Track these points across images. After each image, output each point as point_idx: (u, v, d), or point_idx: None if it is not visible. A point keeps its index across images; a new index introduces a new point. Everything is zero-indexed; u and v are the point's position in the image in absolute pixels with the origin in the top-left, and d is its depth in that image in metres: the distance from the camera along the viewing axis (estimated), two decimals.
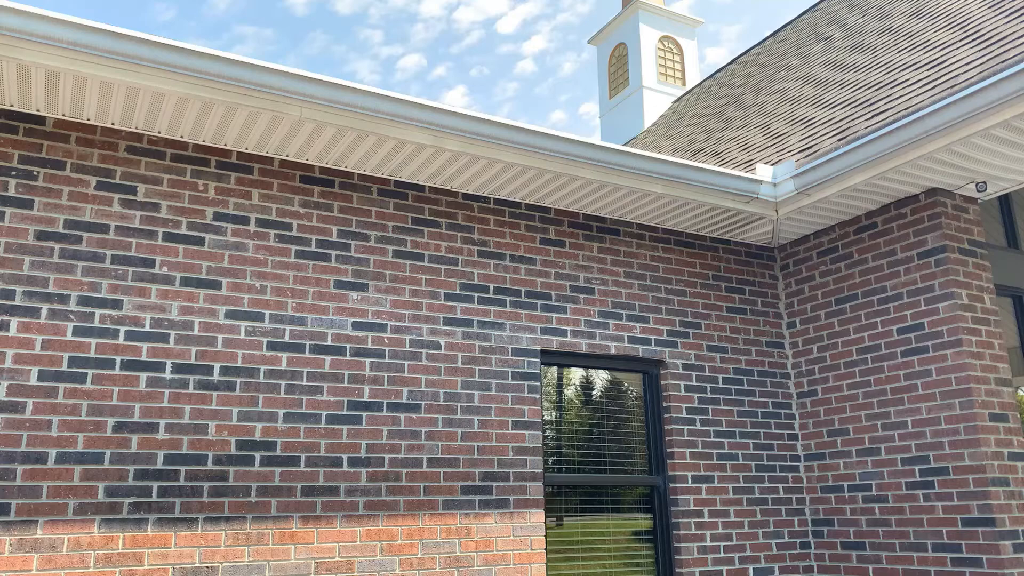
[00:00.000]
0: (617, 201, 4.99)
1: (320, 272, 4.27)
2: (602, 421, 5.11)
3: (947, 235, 4.83)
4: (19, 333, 3.53)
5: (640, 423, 5.19)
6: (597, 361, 5.05)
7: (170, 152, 4.05)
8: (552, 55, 48.60)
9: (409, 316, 4.45)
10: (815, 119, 5.84)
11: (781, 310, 5.79)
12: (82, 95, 3.65)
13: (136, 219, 3.90)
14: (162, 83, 3.55)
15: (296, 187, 4.32)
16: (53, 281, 3.65)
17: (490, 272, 4.76)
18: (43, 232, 3.69)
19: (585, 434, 5.03)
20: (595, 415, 5.11)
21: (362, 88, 3.88)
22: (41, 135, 3.79)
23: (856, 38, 7.37)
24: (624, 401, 5.24)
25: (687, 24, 15.02)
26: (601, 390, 5.20)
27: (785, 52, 9.77)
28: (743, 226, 5.47)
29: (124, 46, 3.38)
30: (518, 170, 4.52)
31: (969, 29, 5.07)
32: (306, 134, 4.06)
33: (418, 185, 4.68)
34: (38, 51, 3.31)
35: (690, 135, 9.48)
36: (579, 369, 5.10)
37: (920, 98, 4.54)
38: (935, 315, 4.80)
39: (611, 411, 5.16)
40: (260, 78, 3.66)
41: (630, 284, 5.21)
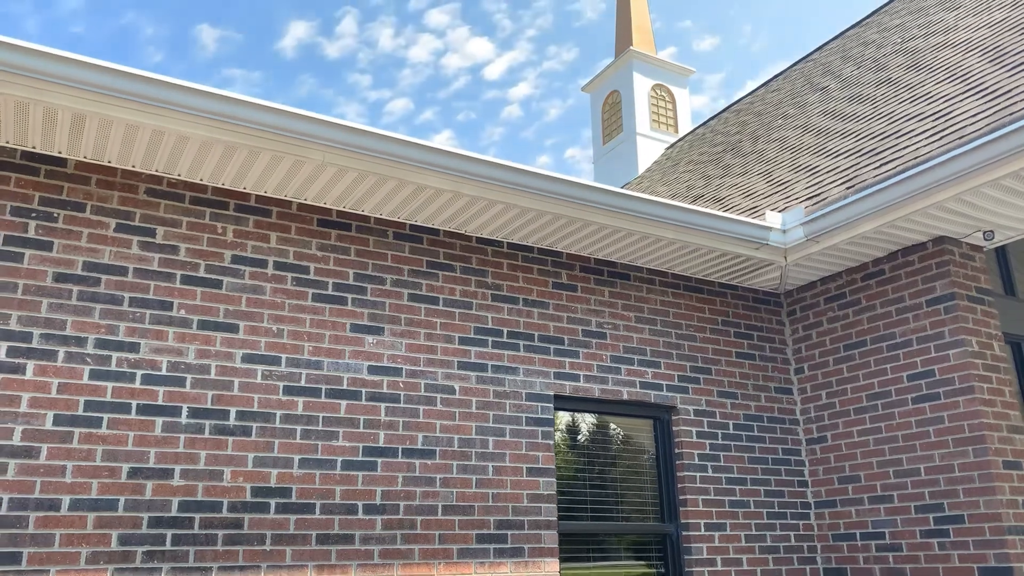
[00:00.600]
0: (629, 246, 5.02)
1: (336, 315, 4.25)
2: (613, 467, 5.06)
3: (955, 283, 4.89)
4: (35, 376, 3.47)
5: (651, 469, 5.15)
6: (610, 407, 5.03)
7: (189, 195, 4.05)
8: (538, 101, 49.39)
9: (424, 360, 4.42)
10: (819, 167, 5.94)
11: (789, 355, 5.81)
12: (106, 138, 3.65)
13: (155, 261, 3.87)
14: (188, 127, 3.57)
15: (314, 230, 4.32)
16: (71, 323, 3.61)
17: (504, 316, 4.75)
18: (62, 274, 3.65)
19: (596, 480, 4.97)
20: (606, 461, 5.06)
21: (386, 134, 3.91)
22: (62, 177, 3.78)
23: (853, 89, 7.54)
24: (635, 447, 5.20)
25: (679, 73, 15.32)
26: (612, 435, 5.17)
27: (780, 101, 9.97)
28: (751, 272, 5.51)
29: (154, 90, 3.40)
30: (533, 214, 4.55)
31: (971, 82, 5.20)
32: (327, 178, 4.08)
33: (433, 229, 4.69)
34: (67, 94, 3.32)
35: (688, 181, 9.60)
36: (591, 414, 5.07)
37: (927, 148, 4.63)
38: (946, 362, 4.82)
39: (622, 457, 5.12)
40: (286, 123, 3.68)
41: (641, 329, 5.22)
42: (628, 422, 5.22)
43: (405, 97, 49.91)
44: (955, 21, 6.98)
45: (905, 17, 8.77)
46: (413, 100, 50.35)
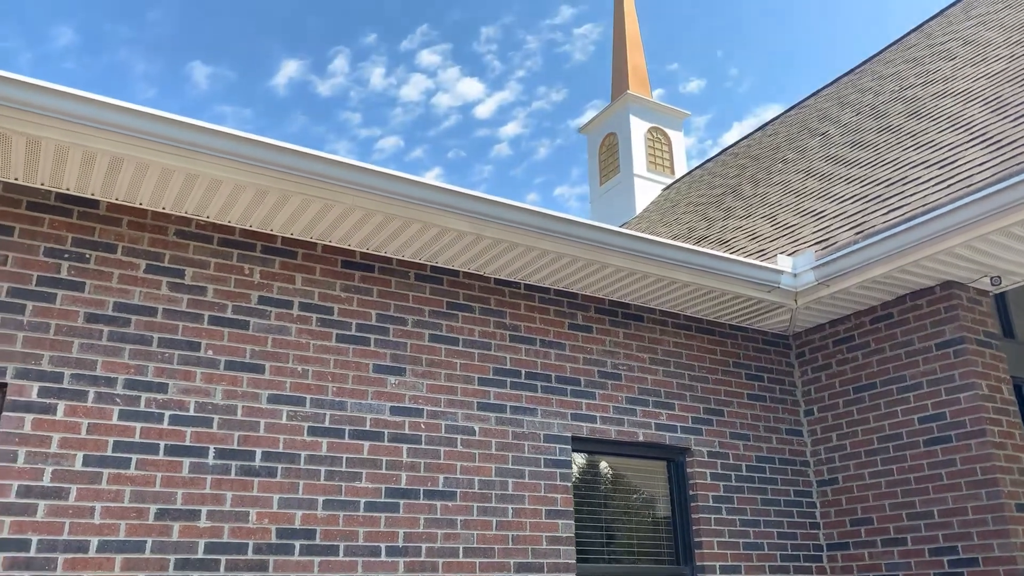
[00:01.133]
0: (644, 288, 5.10)
1: (360, 356, 4.28)
2: (628, 509, 5.07)
3: (964, 327, 4.98)
4: (66, 416, 3.48)
5: (666, 511, 5.17)
6: (626, 448, 5.05)
7: (218, 236, 4.10)
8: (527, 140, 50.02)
9: (444, 401, 4.45)
10: (826, 212, 6.06)
11: (798, 397, 5.87)
12: (141, 180, 3.71)
13: (183, 302, 3.91)
14: (223, 170, 3.63)
15: (338, 272, 4.38)
16: (101, 364, 3.63)
17: (521, 357, 4.80)
18: (93, 315, 3.68)
19: (612, 522, 4.98)
20: (621, 502, 5.08)
21: (415, 179, 3.99)
22: (94, 218, 3.83)
23: (854, 135, 7.72)
24: (649, 488, 5.22)
25: (674, 116, 15.60)
26: (626, 476, 5.19)
27: (778, 146, 10.17)
28: (762, 314, 5.59)
29: (193, 135, 3.47)
30: (552, 257, 4.62)
31: (974, 132, 5.36)
32: (353, 220, 4.14)
33: (453, 270, 4.76)
34: (108, 138, 3.39)
35: (688, 223, 9.74)
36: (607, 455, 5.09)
37: (936, 196, 4.76)
38: (956, 405, 4.90)
39: (637, 498, 5.13)
40: (320, 168, 3.75)
41: (655, 370, 5.27)
42: (643, 463, 5.24)
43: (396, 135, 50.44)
44: (952, 71, 7.19)
45: (900, 66, 9.01)
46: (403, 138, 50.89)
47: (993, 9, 8.28)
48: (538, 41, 50.02)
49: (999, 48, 6.78)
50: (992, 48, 6.93)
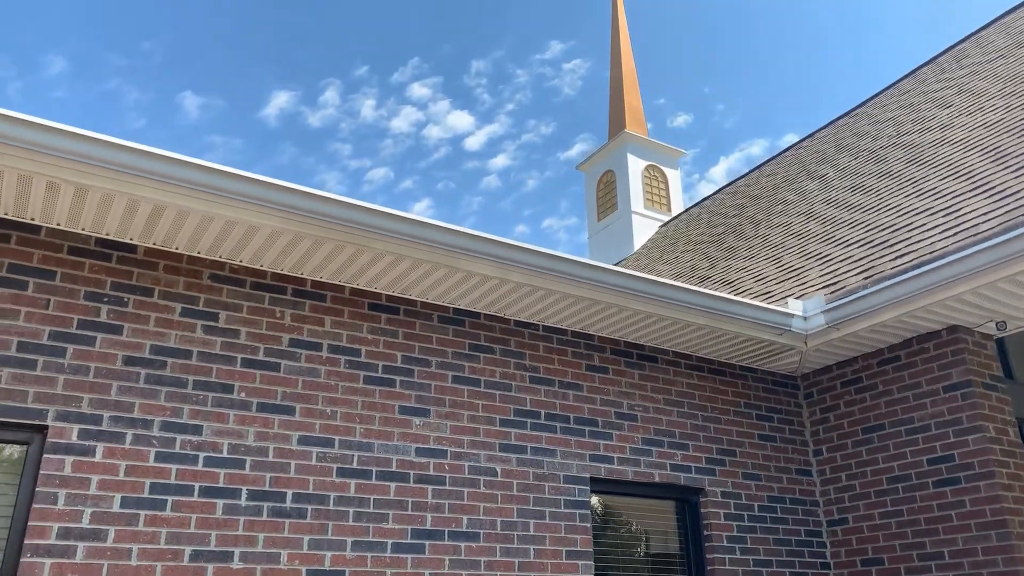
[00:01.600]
0: (660, 330, 5.21)
1: (386, 398, 4.36)
2: (643, 549, 5.13)
3: (971, 370, 5.11)
4: (104, 459, 3.54)
5: (681, 551, 5.23)
6: (642, 489, 5.13)
7: (250, 280, 4.19)
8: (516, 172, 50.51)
9: (468, 442, 4.52)
10: (832, 256, 6.22)
11: (807, 437, 5.97)
12: (180, 226, 3.80)
13: (217, 345, 3.99)
14: (261, 217, 3.74)
15: (365, 314, 4.47)
16: (138, 406, 3.69)
17: (541, 398, 4.88)
18: (131, 358, 3.75)
19: (628, 563, 5.03)
20: (636, 542, 5.13)
21: (445, 226, 4.11)
22: (132, 263, 3.92)
23: (853, 179, 7.92)
24: (664, 528, 5.28)
25: (671, 155, 15.87)
26: (641, 516, 5.25)
27: (777, 186, 10.38)
28: (772, 356, 5.71)
29: (236, 184, 3.58)
30: (572, 300, 4.74)
31: (976, 181, 5.54)
32: (383, 265, 4.25)
33: (474, 312, 4.86)
34: (152, 187, 3.49)
35: (690, 261, 9.89)
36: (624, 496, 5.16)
37: (942, 244, 4.91)
38: (965, 447, 5.01)
39: (651, 538, 5.19)
40: (354, 215, 3.87)
41: (669, 411, 5.37)
42: (657, 503, 5.31)
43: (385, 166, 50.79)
44: (949, 119, 7.42)
45: (896, 112, 9.27)
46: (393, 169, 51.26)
47: (985, 59, 8.56)
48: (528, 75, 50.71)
49: (994, 98, 7.02)
50: (987, 98, 7.17)
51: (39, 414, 3.48)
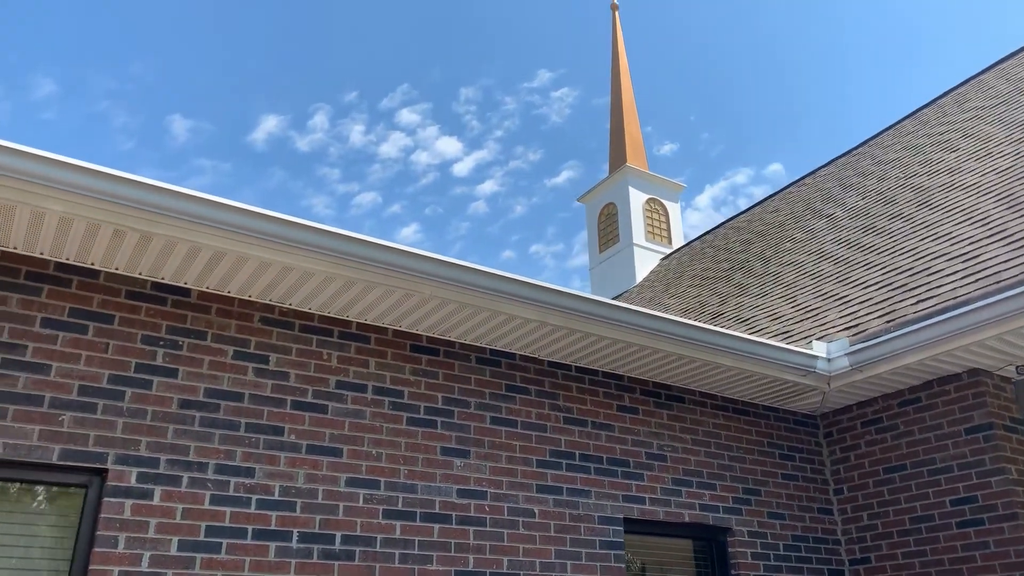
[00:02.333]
0: (689, 371, 5.31)
1: (428, 439, 4.42)
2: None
3: (992, 413, 5.24)
4: (162, 502, 3.58)
5: None
6: (673, 529, 5.19)
7: (298, 323, 4.26)
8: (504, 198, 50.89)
9: (506, 483, 4.58)
10: (849, 297, 6.36)
11: (827, 476, 6.07)
12: (236, 271, 3.88)
13: (268, 387, 4.05)
14: (316, 263, 3.82)
15: (407, 356, 4.54)
16: (193, 449, 3.74)
17: (575, 439, 4.96)
18: (186, 401, 3.81)
19: None
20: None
21: (489, 271, 4.21)
22: (186, 306, 3.98)
23: (863, 220, 8.10)
24: (693, 567, 5.34)
25: (671, 188, 16.09)
26: (671, 555, 5.31)
27: (782, 223, 10.57)
28: (794, 396, 5.82)
29: (296, 233, 3.67)
30: (608, 342, 4.83)
31: (992, 228, 5.71)
32: (427, 309, 4.33)
33: (510, 353, 4.94)
34: (213, 234, 3.57)
35: (698, 297, 10.03)
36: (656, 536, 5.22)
37: (965, 290, 5.06)
38: (988, 488, 5.12)
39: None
40: (405, 261, 3.96)
41: (697, 451, 5.45)
42: (686, 543, 5.37)
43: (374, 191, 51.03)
44: (957, 163, 7.63)
45: (900, 152, 9.49)
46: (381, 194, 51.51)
47: (988, 104, 8.81)
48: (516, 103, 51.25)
49: (1002, 144, 7.23)
50: (995, 143, 7.38)
51: (99, 457, 3.52)
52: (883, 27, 46.62)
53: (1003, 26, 43.78)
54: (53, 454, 3.44)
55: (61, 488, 3.53)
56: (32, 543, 3.40)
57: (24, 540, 3.39)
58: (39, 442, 3.43)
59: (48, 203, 3.30)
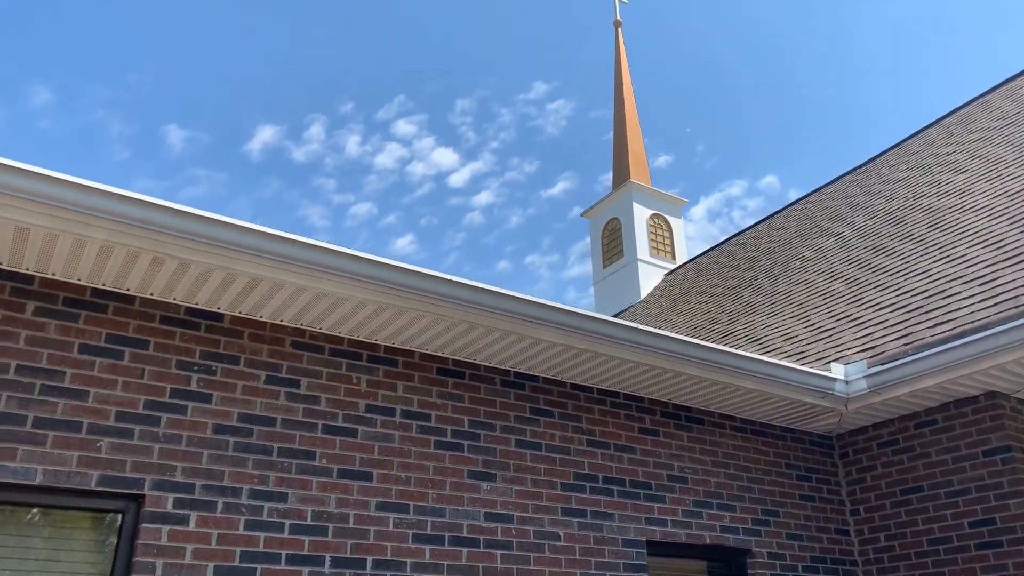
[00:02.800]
0: (709, 393, 5.35)
1: (455, 462, 4.45)
2: None
3: (1010, 435, 5.28)
4: (198, 527, 3.59)
5: None
6: (694, 552, 5.22)
7: (328, 347, 4.29)
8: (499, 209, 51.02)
9: (532, 507, 4.61)
10: (864, 319, 6.41)
11: (844, 497, 6.10)
12: (270, 297, 3.91)
13: (299, 412, 4.07)
14: (349, 289, 3.86)
15: (433, 379, 4.57)
16: (228, 474, 3.76)
17: (598, 461, 4.99)
18: (220, 426, 3.83)
19: None
20: None
21: (516, 295, 4.24)
22: (219, 331, 4.01)
23: (873, 240, 8.17)
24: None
25: (674, 204, 16.17)
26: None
27: (790, 241, 10.64)
28: (811, 417, 5.86)
29: (332, 260, 3.71)
30: (631, 365, 4.87)
31: (1007, 251, 5.77)
32: (455, 332, 4.37)
33: (533, 376, 4.97)
34: (250, 261, 3.60)
35: (707, 313, 10.07)
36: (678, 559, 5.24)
37: (984, 314, 5.11)
38: (1006, 511, 5.16)
39: None
40: (435, 286, 3.99)
41: (717, 473, 5.48)
42: (704, 564, 5.39)
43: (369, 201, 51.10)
44: (966, 185, 7.70)
45: (907, 172, 9.58)
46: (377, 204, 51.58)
47: (995, 125, 8.90)
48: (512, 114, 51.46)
49: (1012, 166, 7.31)
50: (1004, 165, 7.46)
51: (136, 483, 3.54)
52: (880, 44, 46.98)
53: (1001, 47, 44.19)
54: (92, 480, 3.45)
55: (98, 513, 3.55)
56: (70, 569, 3.41)
57: (62, 566, 3.40)
58: (78, 468, 3.45)
59: (91, 231, 3.33)
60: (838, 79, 48.84)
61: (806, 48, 47.80)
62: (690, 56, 47.34)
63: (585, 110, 49.46)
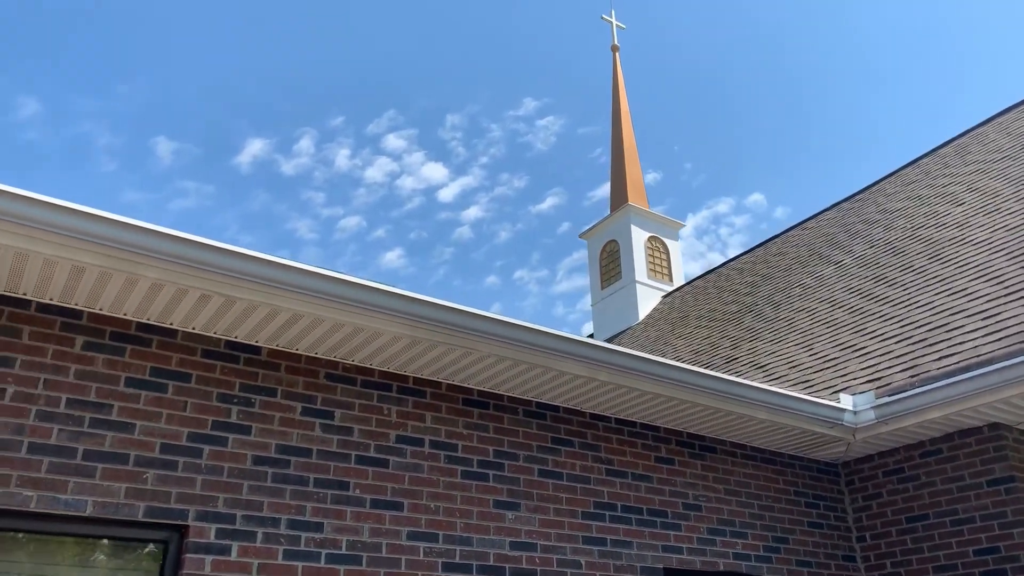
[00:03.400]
0: (725, 424, 5.49)
1: (481, 492, 4.56)
2: None
3: (1013, 466, 5.45)
4: (239, 558, 3.69)
5: None
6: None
7: (360, 379, 4.41)
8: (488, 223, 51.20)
9: (555, 535, 4.72)
10: (869, 349, 6.58)
11: (850, 524, 6.25)
12: (308, 332, 4.03)
13: (334, 443, 4.18)
14: (386, 324, 3.98)
15: (460, 409, 4.69)
16: (267, 505, 3.86)
17: (617, 490, 5.11)
18: (259, 457, 3.93)
19: None
20: None
21: (544, 330, 4.38)
22: (257, 364, 4.12)
23: (874, 270, 8.37)
24: None
25: (671, 227, 16.39)
26: None
27: (789, 267, 10.84)
28: (820, 446, 6.01)
29: (371, 296, 3.83)
30: (650, 396, 5.01)
31: (1008, 287, 5.97)
32: (483, 365, 4.49)
33: (554, 406, 5.10)
34: (295, 299, 3.72)
35: (708, 337, 10.24)
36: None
37: (988, 348, 5.29)
38: (1010, 540, 5.31)
39: None
40: (468, 322, 4.12)
41: (730, 500, 5.62)
42: None
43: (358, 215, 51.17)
44: (964, 217, 7.92)
45: (905, 203, 9.81)
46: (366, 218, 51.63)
47: (990, 157, 9.15)
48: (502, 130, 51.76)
49: (1008, 200, 7.54)
50: (1002, 199, 7.68)
51: (181, 514, 3.64)
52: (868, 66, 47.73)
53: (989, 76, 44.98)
54: (139, 511, 3.55)
55: (142, 544, 3.64)
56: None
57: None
58: (126, 499, 3.54)
59: (143, 270, 3.45)
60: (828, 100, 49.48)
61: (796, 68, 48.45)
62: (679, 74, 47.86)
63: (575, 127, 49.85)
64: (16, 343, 3.55)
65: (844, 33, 45.70)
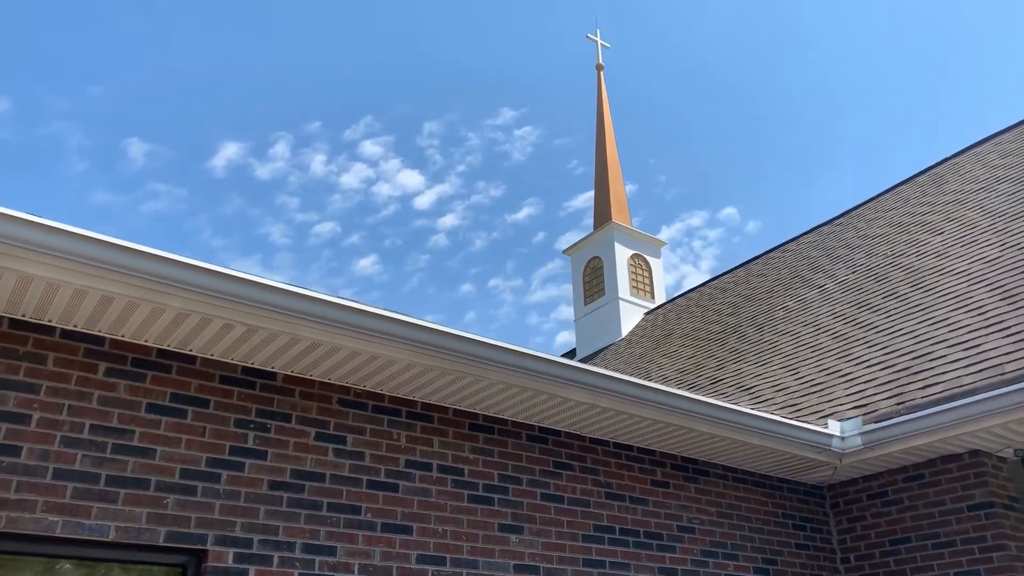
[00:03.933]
0: (718, 448, 5.65)
1: (487, 516, 4.67)
2: None
3: (992, 492, 5.67)
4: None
5: None
6: None
7: (371, 404, 4.50)
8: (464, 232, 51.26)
9: (556, 558, 4.84)
10: (854, 376, 6.80)
11: (835, 546, 6.44)
12: (325, 359, 4.12)
13: (346, 468, 4.27)
14: (401, 352, 4.09)
15: (466, 434, 4.80)
16: (282, 529, 3.94)
17: (615, 513, 5.25)
18: (274, 482, 4.01)
19: None
20: None
21: (554, 359, 4.51)
22: (272, 389, 4.20)
23: (857, 295, 8.62)
24: None
25: (653, 244, 16.63)
26: None
27: (771, 289, 11.09)
28: (807, 470, 6.20)
29: (386, 326, 3.94)
30: (649, 422, 5.15)
31: (989, 319, 6.21)
32: (491, 391, 4.61)
33: (556, 431, 5.23)
34: (314, 327, 3.82)
35: (692, 357, 10.44)
36: None
37: (970, 379, 5.51)
38: (990, 563, 5.53)
39: None
40: (480, 351, 4.24)
41: (722, 523, 5.78)
42: None
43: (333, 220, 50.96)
44: (944, 247, 8.20)
45: (886, 229, 10.10)
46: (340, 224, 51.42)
47: (967, 188, 9.47)
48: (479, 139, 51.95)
49: (986, 232, 7.82)
50: (980, 231, 7.97)
51: (200, 539, 3.71)
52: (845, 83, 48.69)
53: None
54: (160, 536, 3.61)
55: (162, 568, 3.70)
56: None
57: None
58: (147, 524, 3.61)
59: (169, 300, 3.53)
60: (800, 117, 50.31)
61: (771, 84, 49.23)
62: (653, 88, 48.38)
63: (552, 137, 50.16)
64: (41, 369, 3.61)
65: (817, 53, 46.55)
